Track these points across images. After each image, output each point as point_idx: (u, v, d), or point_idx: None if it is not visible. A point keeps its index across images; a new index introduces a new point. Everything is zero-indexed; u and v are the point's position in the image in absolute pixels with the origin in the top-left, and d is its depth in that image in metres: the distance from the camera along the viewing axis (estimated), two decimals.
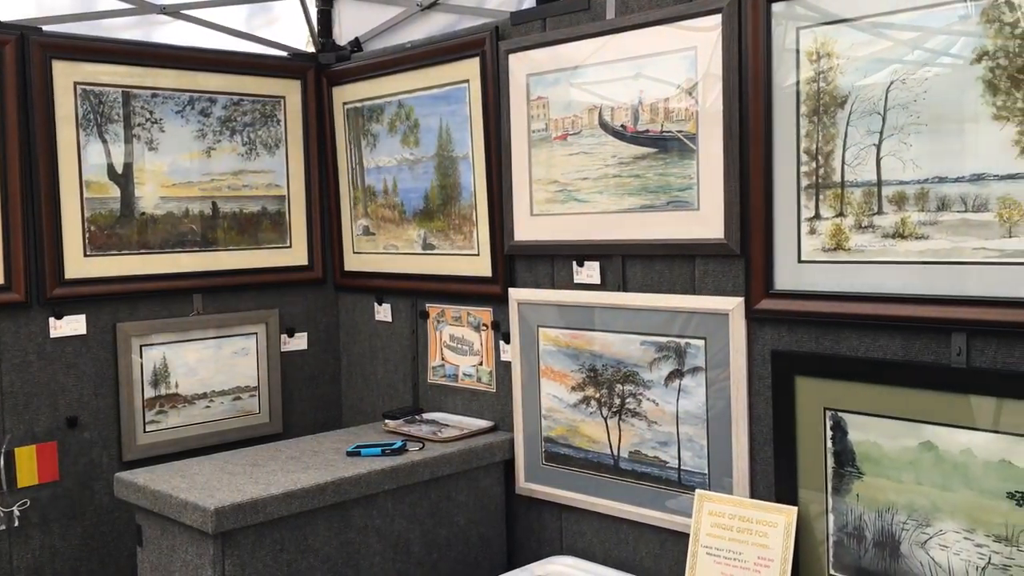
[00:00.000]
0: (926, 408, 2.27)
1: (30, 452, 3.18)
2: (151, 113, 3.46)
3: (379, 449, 3.06)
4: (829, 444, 2.46)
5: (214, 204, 3.64)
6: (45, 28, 3.26)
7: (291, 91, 3.83)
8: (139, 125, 3.44)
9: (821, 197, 2.44)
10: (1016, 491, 2.13)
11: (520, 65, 3.12)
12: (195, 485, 2.74)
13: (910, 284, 2.29)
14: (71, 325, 3.26)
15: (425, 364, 3.63)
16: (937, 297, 2.24)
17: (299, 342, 3.89)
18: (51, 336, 3.23)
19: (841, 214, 2.41)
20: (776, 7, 2.48)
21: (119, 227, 3.39)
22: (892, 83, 2.29)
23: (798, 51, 2.45)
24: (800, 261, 2.50)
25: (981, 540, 2.19)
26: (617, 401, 2.95)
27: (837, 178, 2.41)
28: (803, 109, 2.46)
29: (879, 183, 2.33)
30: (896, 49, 2.29)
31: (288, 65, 3.85)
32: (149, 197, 3.47)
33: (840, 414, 2.43)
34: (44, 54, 3.17)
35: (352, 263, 3.90)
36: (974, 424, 2.19)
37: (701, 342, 2.73)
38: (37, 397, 3.21)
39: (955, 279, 2.21)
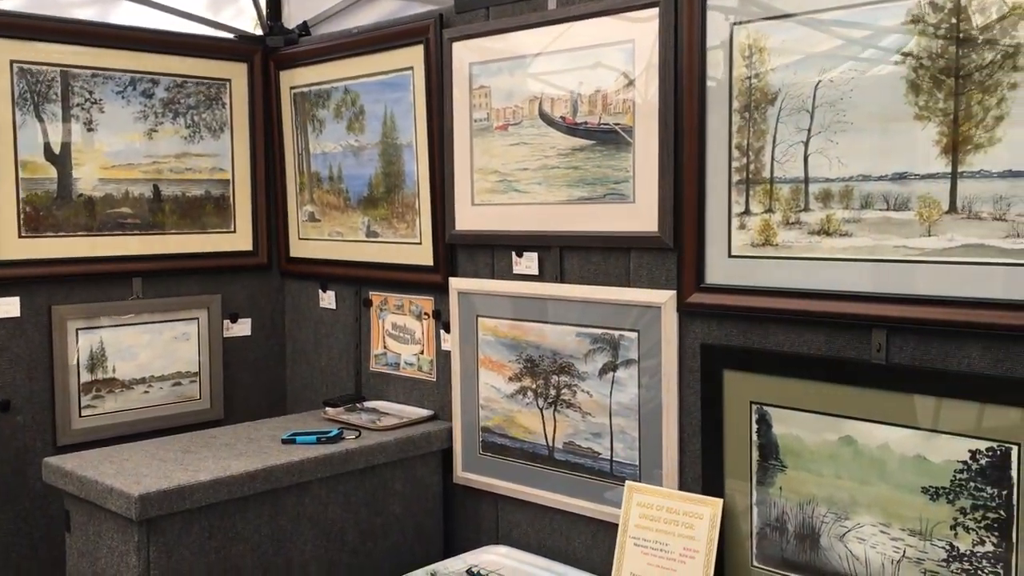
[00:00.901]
0: (847, 403, 2.30)
1: None
2: (90, 93, 3.41)
3: (314, 437, 3.05)
4: (755, 437, 2.48)
5: (156, 187, 3.60)
6: None
7: (237, 74, 3.79)
8: (78, 105, 3.39)
9: (751, 193, 2.46)
10: (930, 486, 2.16)
11: (463, 53, 3.11)
12: (123, 471, 2.71)
13: (834, 280, 2.31)
14: (4, 307, 3.21)
15: (368, 352, 3.62)
16: (859, 294, 2.27)
17: (243, 328, 3.86)
18: None
19: (770, 210, 2.42)
20: (712, 1, 2.49)
21: (56, 208, 3.34)
22: (820, 81, 2.31)
23: (731, 46, 2.46)
24: (731, 256, 2.51)
25: (896, 534, 2.23)
26: (553, 392, 2.96)
27: (767, 174, 2.42)
28: (735, 105, 2.47)
29: (806, 180, 2.35)
30: (825, 47, 2.30)
31: (235, 47, 3.81)
32: (88, 179, 3.42)
33: (765, 408, 2.46)
34: None
35: (297, 249, 3.88)
36: (892, 420, 2.22)
37: (635, 335, 2.74)
38: None
39: (877, 276, 2.24)
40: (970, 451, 2.10)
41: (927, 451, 2.17)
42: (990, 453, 2.08)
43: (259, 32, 3.98)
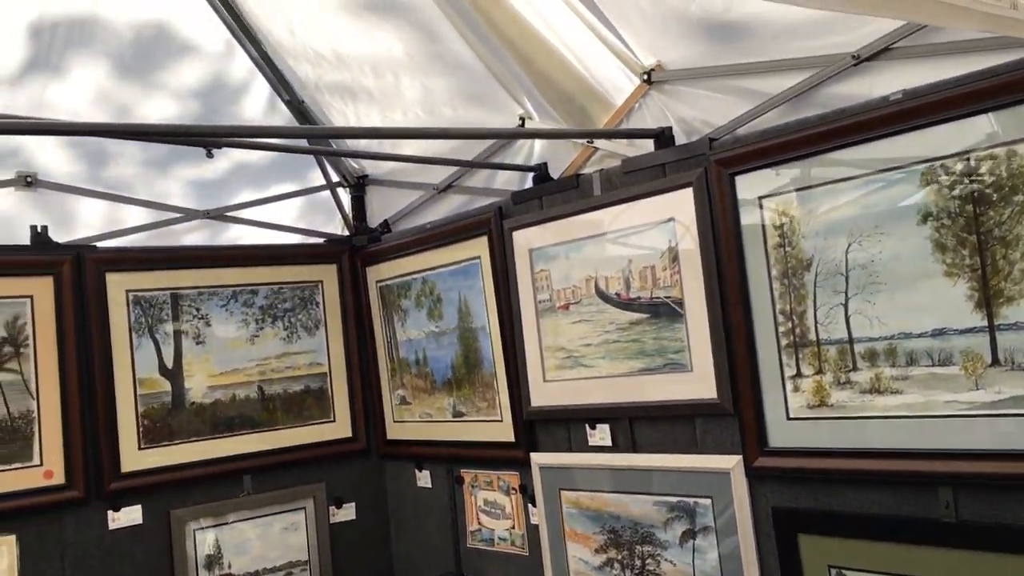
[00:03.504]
0: (923, 563, 2.26)
1: None
2: (198, 310, 3.78)
3: None
4: None
5: (260, 387, 3.89)
6: (100, 245, 3.64)
7: (328, 274, 4.11)
8: (187, 322, 3.75)
9: (800, 355, 2.51)
10: None
11: (523, 241, 3.32)
12: None
13: (892, 439, 2.31)
14: (128, 516, 3.49)
15: (464, 528, 3.72)
16: (919, 451, 2.26)
17: (348, 512, 4.04)
18: (109, 528, 3.46)
19: (820, 371, 2.47)
20: (739, 179, 2.63)
21: (171, 418, 3.66)
22: (850, 245, 2.38)
23: (763, 218, 2.58)
24: (789, 418, 2.55)
25: None
26: (638, 563, 2.98)
27: (813, 336, 2.48)
28: (774, 272, 2.56)
29: (851, 340, 2.39)
30: (849, 213, 2.39)
31: (325, 251, 4.15)
32: (198, 388, 3.74)
33: (844, 572, 2.42)
34: (98, 269, 3.53)
35: (393, 432, 4.07)
36: None
37: (708, 501, 2.77)
38: None
39: (933, 433, 2.24)
40: None
41: None
42: None
43: (346, 233, 4.33)
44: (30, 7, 3.19)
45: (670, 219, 2.84)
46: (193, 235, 4.12)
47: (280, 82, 3.83)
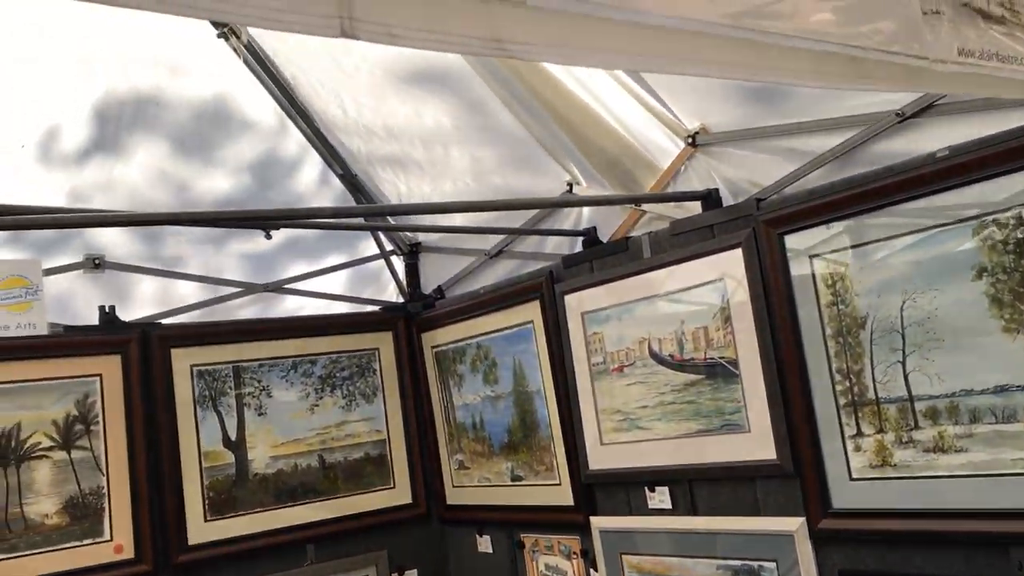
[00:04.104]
0: None
1: None
2: (259, 382, 3.86)
3: None
4: None
5: (321, 456, 3.95)
6: (165, 321, 3.75)
7: (384, 342, 4.18)
8: (249, 394, 3.83)
9: (860, 415, 2.48)
10: None
11: (575, 304, 3.34)
12: None
13: (958, 498, 2.27)
14: None
15: None
16: (987, 511, 2.22)
17: None
18: None
19: (881, 430, 2.44)
20: (788, 239, 2.63)
21: (235, 490, 3.72)
22: (904, 302, 2.37)
23: (814, 277, 2.58)
24: (852, 479, 2.51)
25: None
26: None
27: (871, 395, 2.45)
28: (828, 331, 2.55)
29: (910, 399, 2.37)
30: (902, 271, 2.38)
31: (381, 319, 4.22)
32: (261, 459, 3.81)
33: None
34: (163, 345, 3.64)
35: (453, 497, 4.09)
36: None
37: (772, 564, 2.73)
38: None
39: (1001, 492, 2.19)
40: None
41: None
42: None
43: (400, 300, 4.40)
44: (96, 88, 3.35)
45: (720, 280, 2.85)
46: (248, 308, 4.23)
47: (332, 156, 3.95)
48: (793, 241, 2.62)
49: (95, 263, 3.71)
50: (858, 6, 1.19)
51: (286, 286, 4.20)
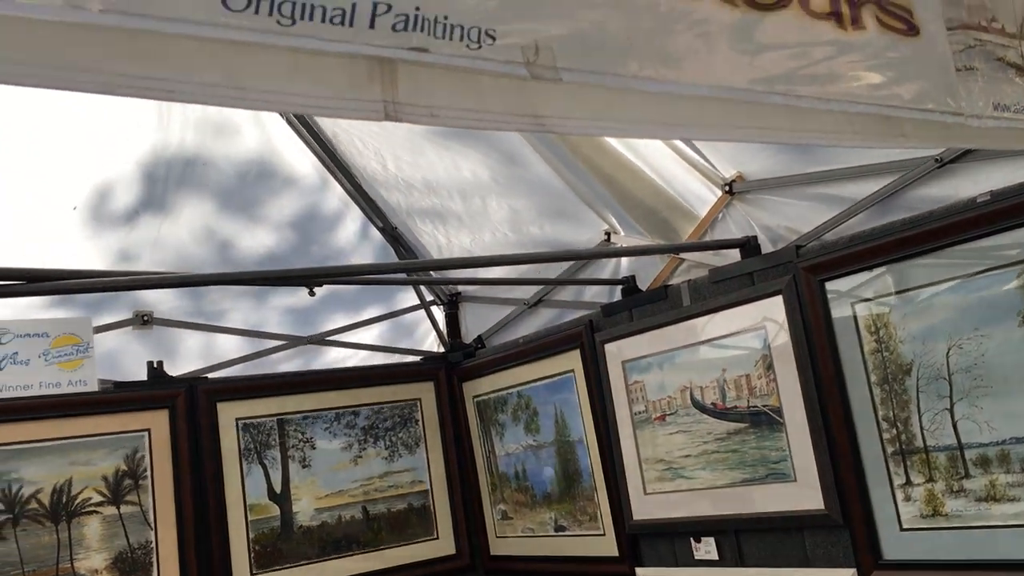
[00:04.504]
0: None
1: None
2: (303, 434, 3.90)
3: None
4: None
5: (364, 508, 3.96)
6: (210, 375, 3.81)
7: (425, 392, 4.20)
8: (293, 447, 3.86)
9: (908, 463, 2.45)
10: None
11: (615, 353, 3.34)
12: None
13: (1014, 548, 2.22)
14: None
15: None
16: None
17: None
18: None
19: (931, 479, 2.40)
20: (829, 285, 2.62)
21: (280, 542, 3.74)
22: (950, 348, 2.34)
23: (857, 324, 2.56)
24: (902, 529, 2.47)
25: None
26: None
27: (919, 443, 2.42)
28: (873, 378, 2.53)
29: (960, 447, 2.33)
30: (946, 316, 2.35)
31: (422, 369, 4.24)
32: (305, 511, 3.83)
33: None
34: (209, 399, 3.69)
35: (496, 547, 4.07)
36: None
37: None
38: None
39: None
40: None
41: None
42: None
43: (441, 350, 4.43)
44: (143, 148, 3.44)
45: (762, 327, 2.84)
46: (291, 361, 4.28)
47: (373, 210, 4.02)
48: (834, 287, 2.61)
49: (143, 319, 3.79)
50: (891, 66, 1.20)
51: (328, 338, 4.25)
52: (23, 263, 3.32)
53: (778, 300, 2.77)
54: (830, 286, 2.62)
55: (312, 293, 2.82)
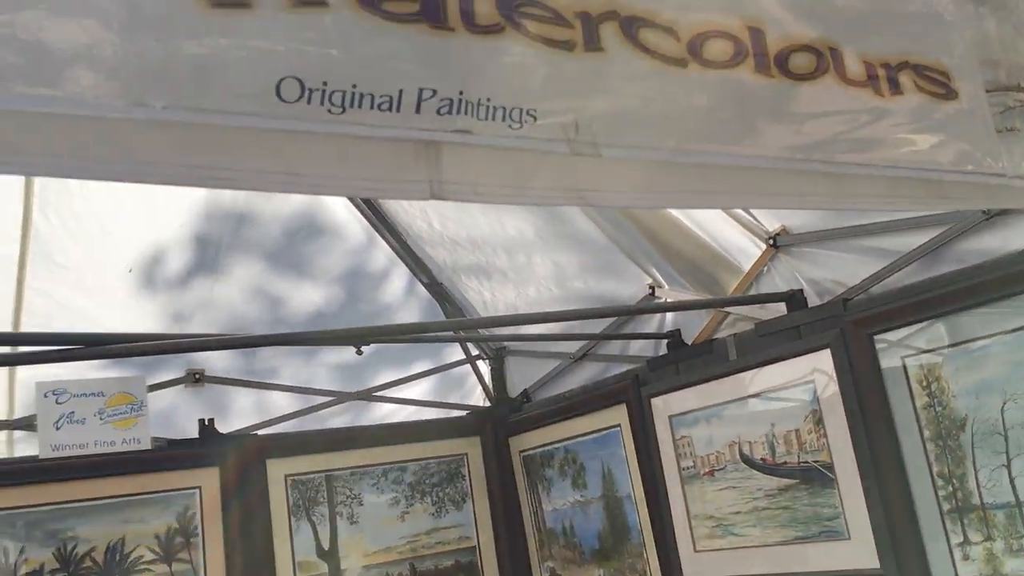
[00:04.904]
0: None
1: None
2: (350, 490, 3.91)
3: None
4: None
5: (412, 565, 3.94)
6: (260, 432, 3.86)
7: (472, 447, 4.20)
8: (341, 503, 3.88)
9: (965, 521, 2.39)
10: None
11: (662, 407, 3.33)
12: None
13: None
14: None
15: None
16: None
17: None
18: None
19: (989, 538, 2.34)
20: (878, 339, 2.60)
21: None
22: (1005, 403, 2.30)
23: (908, 378, 2.53)
24: None
25: None
26: None
27: (976, 500, 2.37)
28: (926, 433, 2.48)
29: (1018, 504, 2.27)
30: (1000, 370, 2.32)
31: (468, 424, 4.25)
32: (353, 568, 3.83)
33: None
34: (260, 456, 3.73)
35: None
36: None
37: None
38: None
39: None
40: None
41: None
42: None
43: (487, 404, 4.44)
44: (195, 212, 3.54)
45: (810, 381, 2.81)
46: (339, 417, 4.32)
47: (419, 267, 4.07)
48: (884, 341, 2.58)
49: (196, 378, 3.86)
50: (930, 130, 1.21)
51: (375, 393, 4.28)
52: (81, 324, 3.43)
53: (826, 354, 2.74)
54: (879, 339, 2.59)
55: (359, 352, 2.86)
